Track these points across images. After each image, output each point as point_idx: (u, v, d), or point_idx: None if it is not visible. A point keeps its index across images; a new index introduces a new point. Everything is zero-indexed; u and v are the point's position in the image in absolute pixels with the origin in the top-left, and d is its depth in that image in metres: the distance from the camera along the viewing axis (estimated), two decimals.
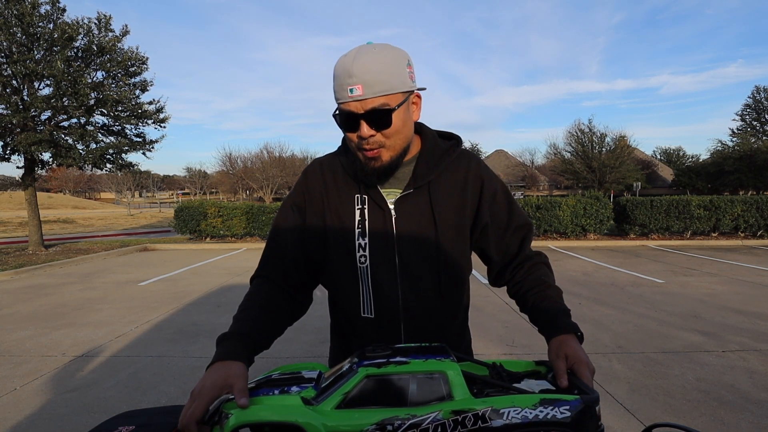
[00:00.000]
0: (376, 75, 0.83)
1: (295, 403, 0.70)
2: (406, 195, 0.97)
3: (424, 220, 0.96)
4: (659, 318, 4.50)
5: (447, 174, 1.00)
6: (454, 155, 1.02)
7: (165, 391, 2.94)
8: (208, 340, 3.93)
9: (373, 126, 0.86)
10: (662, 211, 11.17)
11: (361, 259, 0.96)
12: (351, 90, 0.83)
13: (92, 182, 72.77)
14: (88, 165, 10.04)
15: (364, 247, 0.96)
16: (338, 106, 0.89)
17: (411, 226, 0.96)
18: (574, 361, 0.82)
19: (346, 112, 0.86)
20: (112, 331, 4.24)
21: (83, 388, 2.99)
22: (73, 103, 9.11)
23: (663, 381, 3.01)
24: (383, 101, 0.85)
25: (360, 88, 0.83)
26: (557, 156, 35.90)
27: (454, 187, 0.99)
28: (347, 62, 0.84)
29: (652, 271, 7.14)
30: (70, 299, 5.60)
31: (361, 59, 0.83)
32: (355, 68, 0.83)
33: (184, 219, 11.94)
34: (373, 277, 0.96)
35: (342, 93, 0.85)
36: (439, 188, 0.98)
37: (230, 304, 5.22)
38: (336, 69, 0.86)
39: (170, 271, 7.71)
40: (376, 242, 0.96)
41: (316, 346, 3.75)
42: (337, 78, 0.86)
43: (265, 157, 39.51)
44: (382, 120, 0.86)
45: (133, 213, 33.75)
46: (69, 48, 8.91)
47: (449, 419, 0.67)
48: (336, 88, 0.86)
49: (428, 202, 0.97)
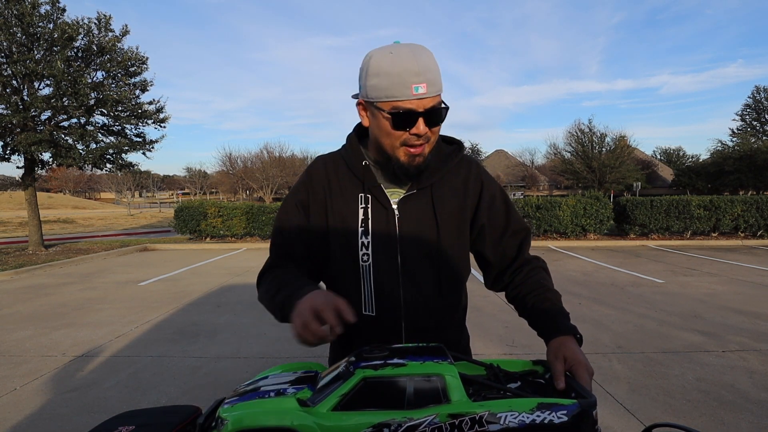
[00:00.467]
0: (435, 74, 0.86)
1: (291, 405, 0.69)
2: (409, 195, 0.98)
3: (426, 221, 0.98)
4: (659, 318, 4.50)
5: (449, 177, 1.02)
6: (456, 159, 1.04)
7: (165, 391, 2.93)
8: (208, 340, 3.93)
9: (428, 124, 0.88)
10: (662, 211, 11.17)
11: (364, 257, 0.97)
12: (416, 88, 0.84)
13: (92, 182, 72.76)
14: (88, 165, 10.04)
15: (366, 245, 0.97)
16: (381, 103, 0.88)
17: (413, 226, 0.97)
18: (572, 363, 0.82)
19: (404, 110, 0.86)
20: (112, 331, 4.24)
21: (83, 388, 2.99)
22: (73, 103, 9.11)
23: (663, 381, 3.01)
24: (438, 100, 0.88)
25: (425, 86, 0.84)
26: (557, 156, 35.91)
27: (456, 190, 1.01)
28: (409, 60, 0.84)
29: (652, 271, 7.14)
30: (70, 299, 5.60)
31: (421, 58, 0.84)
32: (420, 67, 0.84)
33: (184, 219, 11.94)
34: (375, 275, 0.96)
35: (403, 90, 0.85)
36: (442, 191, 1.00)
37: (230, 304, 5.23)
38: (388, 66, 0.85)
39: (170, 271, 7.71)
40: (379, 241, 0.97)
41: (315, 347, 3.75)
42: (393, 75, 0.85)
43: (265, 157, 39.53)
44: (438, 118, 0.89)
45: (133, 213, 33.75)
46: (69, 48, 8.91)
47: (446, 423, 0.66)
48: (389, 85, 0.85)
49: (431, 204, 0.98)
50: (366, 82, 0.89)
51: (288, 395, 0.73)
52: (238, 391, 0.79)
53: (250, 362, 3.43)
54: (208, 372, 3.25)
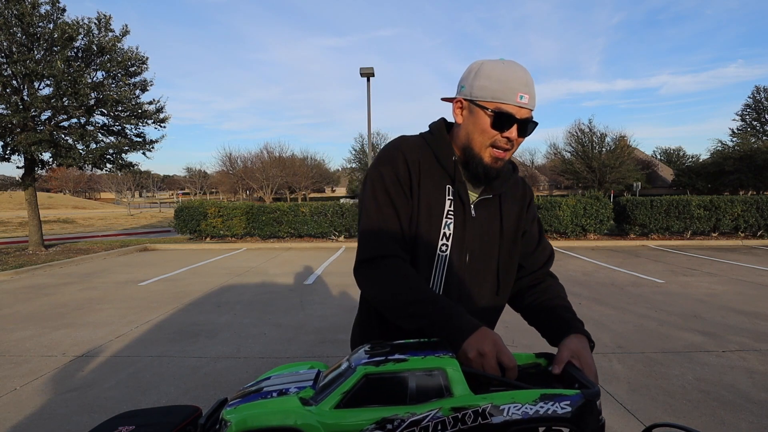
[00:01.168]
0: (535, 91, 0.97)
1: (293, 405, 0.70)
2: (485, 199, 1.06)
3: (494, 225, 1.07)
4: (659, 318, 4.50)
5: (512, 189, 1.13)
6: (516, 175, 1.16)
7: (165, 391, 2.93)
8: (208, 340, 3.93)
9: (520, 133, 0.97)
10: (662, 211, 11.17)
11: (443, 247, 1.01)
12: (521, 97, 0.94)
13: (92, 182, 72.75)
14: (88, 165, 10.03)
15: (447, 237, 1.01)
16: (485, 102, 0.95)
17: (483, 228, 1.05)
18: (579, 357, 0.87)
19: (506, 113, 0.94)
20: (112, 331, 4.24)
21: (83, 388, 2.99)
22: (73, 103, 9.10)
23: (663, 381, 3.01)
24: (532, 114, 0.98)
25: (528, 98, 0.95)
26: (557, 156, 35.87)
27: (515, 201, 1.12)
28: (520, 71, 0.95)
29: (652, 271, 7.14)
30: (70, 299, 5.60)
31: (529, 74, 0.96)
32: (528, 80, 0.95)
33: (184, 219, 11.94)
34: (449, 265, 1.01)
35: (510, 96, 0.94)
36: (506, 200, 1.10)
37: (230, 304, 5.23)
38: (500, 73, 0.94)
39: (170, 271, 7.71)
40: (456, 235, 1.02)
41: (317, 345, 3.74)
42: (503, 81, 0.94)
43: (265, 157, 39.53)
44: (529, 129, 0.98)
45: (133, 213, 33.74)
46: (69, 48, 8.90)
47: (449, 416, 0.67)
48: (499, 88, 0.94)
49: (498, 210, 1.08)
50: (475, 82, 0.97)
51: (290, 395, 0.73)
52: (241, 392, 0.79)
53: (250, 362, 3.43)
54: (208, 372, 3.25)
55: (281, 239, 11.96)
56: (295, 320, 4.49)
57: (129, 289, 6.22)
